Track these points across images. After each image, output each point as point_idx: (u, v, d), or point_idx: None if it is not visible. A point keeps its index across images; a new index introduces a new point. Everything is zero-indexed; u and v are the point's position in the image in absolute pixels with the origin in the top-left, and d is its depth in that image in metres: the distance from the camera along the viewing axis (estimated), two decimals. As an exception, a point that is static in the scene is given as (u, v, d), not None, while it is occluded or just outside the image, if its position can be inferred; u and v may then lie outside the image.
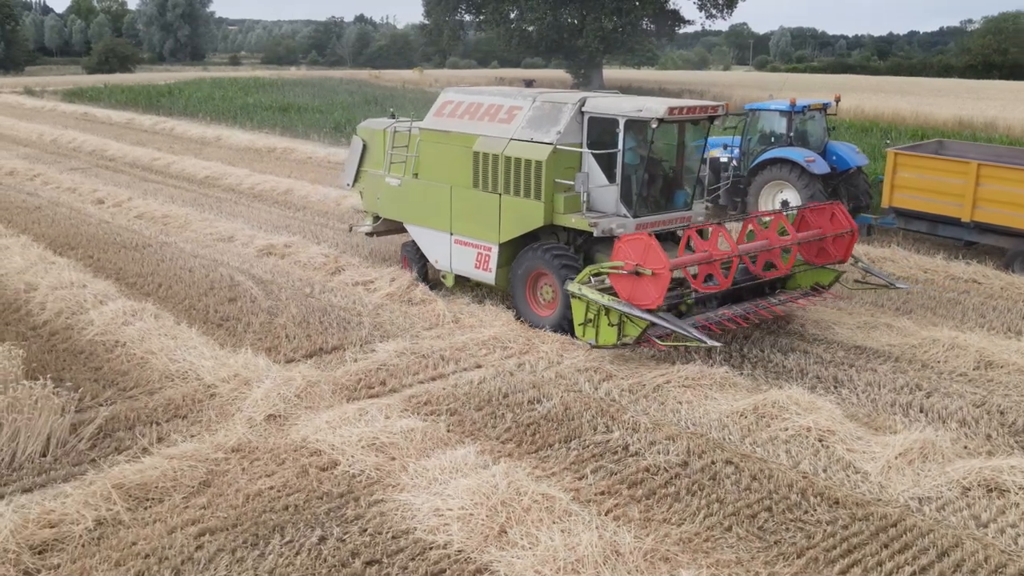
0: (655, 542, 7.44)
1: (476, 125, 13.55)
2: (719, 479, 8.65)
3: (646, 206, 12.84)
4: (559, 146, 12.51)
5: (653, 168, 12.96)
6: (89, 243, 17.38)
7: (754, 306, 12.38)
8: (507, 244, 13.17)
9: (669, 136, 13.03)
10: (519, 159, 12.71)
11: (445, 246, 14.01)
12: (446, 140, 13.82)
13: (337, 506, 8.07)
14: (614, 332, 11.22)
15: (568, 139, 12.61)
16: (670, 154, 13.27)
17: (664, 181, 13.23)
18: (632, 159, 12.54)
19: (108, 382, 10.77)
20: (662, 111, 11.87)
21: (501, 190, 13.01)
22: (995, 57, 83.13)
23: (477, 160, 13.27)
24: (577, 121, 12.69)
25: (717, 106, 12.79)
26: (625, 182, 12.50)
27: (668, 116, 11.94)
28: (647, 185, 12.86)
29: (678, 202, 13.25)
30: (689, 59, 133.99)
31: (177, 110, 44.11)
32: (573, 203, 12.50)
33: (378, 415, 9.52)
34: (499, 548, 7.29)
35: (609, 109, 12.48)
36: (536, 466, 8.78)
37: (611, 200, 12.60)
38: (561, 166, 12.55)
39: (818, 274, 13.16)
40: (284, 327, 12.75)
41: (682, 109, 12.15)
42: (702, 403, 10.30)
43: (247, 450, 9.05)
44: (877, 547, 7.52)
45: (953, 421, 10.00)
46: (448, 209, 13.80)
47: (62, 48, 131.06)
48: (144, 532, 7.55)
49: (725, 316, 11.92)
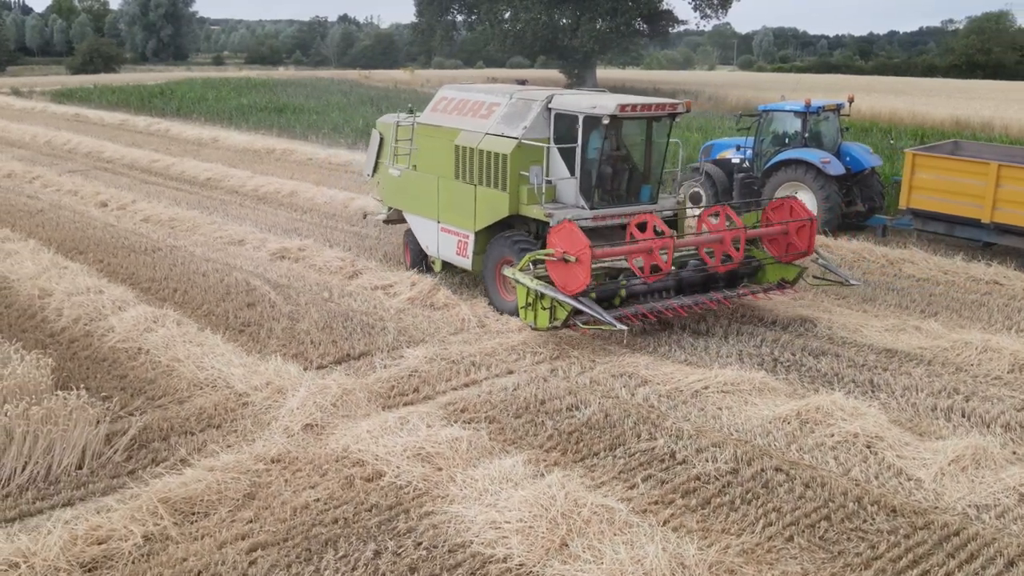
0: (718, 554, 7.30)
1: (461, 120, 14.31)
2: (771, 487, 8.52)
3: (606, 199, 13.39)
4: (524, 140, 13.09)
5: (616, 163, 13.47)
6: (98, 247, 17.09)
7: (705, 298, 12.76)
8: (482, 232, 13.79)
9: (635, 132, 13.63)
10: (489, 152, 13.39)
11: (434, 233, 14.77)
12: (437, 134, 14.56)
13: (387, 518, 7.89)
14: (547, 315, 11.85)
15: (534, 134, 13.16)
16: (637, 150, 13.74)
17: (629, 176, 13.67)
18: (591, 154, 13.07)
19: (135, 391, 10.53)
20: (613, 108, 12.38)
21: (476, 181, 13.70)
22: (979, 57, 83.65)
23: (458, 153, 13.99)
24: (544, 117, 13.27)
25: (676, 104, 13.27)
26: (584, 175, 13.05)
27: (619, 113, 12.49)
28: (610, 179, 13.43)
29: (643, 196, 13.70)
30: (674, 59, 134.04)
31: (170, 111, 43.67)
32: (535, 194, 13.05)
33: (420, 424, 9.32)
34: (562, 562, 7.13)
35: (571, 106, 13.04)
36: (584, 475, 8.62)
37: (572, 192, 13.15)
38: (526, 159, 13.09)
39: (784, 270, 13.58)
40: (308, 333, 12.54)
41: (635, 106, 12.68)
42: (743, 409, 10.17)
43: (287, 461, 8.85)
44: (943, 557, 7.41)
45: (997, 426, 9.91)
46: (436, 198, 14.56)
47: (43, 48, 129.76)
48: (194, 548, 7.35)
49: (669, 306, 12.40)
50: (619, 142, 13.50)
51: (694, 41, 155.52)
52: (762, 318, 13.46)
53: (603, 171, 13.28)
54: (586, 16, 53.23)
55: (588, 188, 13.11)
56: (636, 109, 12.70)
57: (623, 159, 13.57)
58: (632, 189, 13.67)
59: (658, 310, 12.32)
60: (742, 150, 19.95)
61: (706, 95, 49.86)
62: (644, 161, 13.72)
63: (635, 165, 13.74)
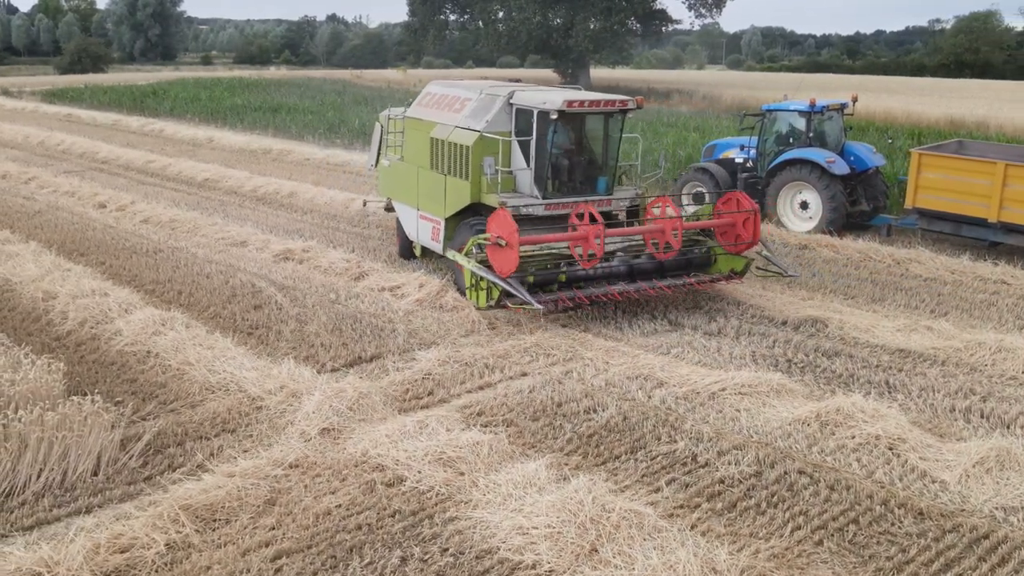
0: (749, 559, 7.23)
1: (439, 114, 15.14)
2: (796, 490, 8.45)
3: (560, 189, 14.03)
4: (485, 133, 13.81)
5: (572, 155, 14.20)
6: (99, 249, 16.91)
7: (648, 285, 13.21)
8: (451, 219, 14.51)
9: (591, 127, 14.28)
10: (455, 144, 14.19)
11: (415, 220, 15.60)
12: (419, 127, 15.41)
13: (411, 524, 7.79)
14: (485, 296, 12.50)
15: (496, 127, 13.89)
16: (595, 144, 14.38)
17: (585, 168, 14.32)
18: (544, 146, 13.66)
19: (147, 395, 10.40)
20: (560, 103, 13.08)
21: (446, 171, 14.50)
22: (967, 56, 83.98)
23: (432, 144, 14.83)
24: (506, 112, 14.01)
25: (627, 100, 13.89)
26: (539, 167, 13.70)
27: (567, 109, 13.17)
28: (566, 171, 14.12)
29: (599, 188, 14.26)
30: (664, 58, 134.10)
31: (163, 111, 43.38)
32: (498, 184, 13.76)
33: (439, 427, 9.22)
34: (592, 568, 7.05)
35: (528, 102, 13.79)
36: (608, 479, 8.54)
37: (529, 182, 13.86)
38: (487, 151, 13.68)
39: (733, 261, 14.05)
40: (317, 335, 12.42)
41: (582, 102, 13.41)
42: (761, 411, 10.11)
43: (306, 466, 8.74)
44: (975, 561, 7.36)
45: (1017, 426, 9.87)
46: (416, 187, 15.38)
47: (30, 48, 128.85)
48: (217, 555, 7.23)
49: (608, 292, 12.89)
50: (576, 136, 14.24)
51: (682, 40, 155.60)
52: (772, 318, 13.41)
53: (559, 163, 14.01)
54: (580, 16, 53.16)
55: (542, 179, 13.75)
56: (584, 105, 13.44)
57: (579, 152, 14.29)
58: (588, 181, 14.28)
59: (595, 296, 12.81)
60: (746, 150, 19.90)
61: (700, 94, 49.86)
62: (601, 154, 14.37)
63: (593, 158, 14.41)
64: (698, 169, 20.43)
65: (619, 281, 13.27)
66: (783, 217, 18.88)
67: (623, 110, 13.85)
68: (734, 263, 14.03)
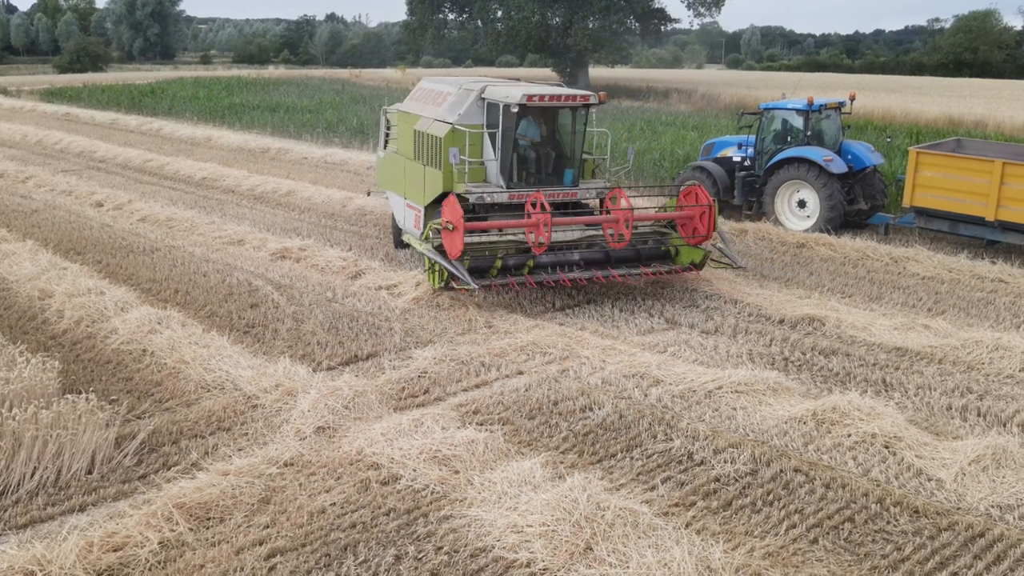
0: (744, 557, 7.21)
1: (424, 108, 15.85)
2: (792, 488, 8.44)
3: (528, 180, 14.68)
4: (456, 126, 14.43)
5: (539, 148, 14.85)
6: (95, 247, 16.89)
7: (600, 273, 13.72)
8: (429, 206, 15.06)
9: (559, 121, 14.83)
10: (432, 135, 14.87)
11: (402, 208, 16.24)
12: (408, 120, 16.11)
13: (406, 523, 7.77)
14: (437, 277, 13.35)
15: (468, 120, 14.55)
16: (563, 137, 14.94)
17: (552, 160, 14.91)
18: (508, 139, 14.27)
19: (142, 393, 10.37)
20: (519, 98, 13.71)
21: (425, 162, 15.16)
22: (966, 55, 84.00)
23: (415, 137, 15.55)
24: (478, 106, 14.67)
25: (588, 95, 14.41)
26: (504, 157, 14.33)
27: (526, 103, 13.79)
28: (533, 162, 14.83)
29: (566, 179, 14.84)
30: (663, 58, 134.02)
31: (162, 110, 43.32)
32: (464, 174, 14.37)
33: (434, 426, 9.20)
34: (587, 566, 7.03)
35: (496, 96, 14.37)
36: (603, 477, 8.52)
37: (496, 173, 14.50)
38: (459, 143, 14.29)
39: (693, 253, 14.48)
40: (314, 333, 12.39)
41: (541, 96, 13.94)
42: (757, 409, 10.09)
43: (301, 464, 8.72)
44: (970, 559, 7.34)
45: (1014, 425, 9.86)
46: (403, 177, 16.05)
47: (29, 47, 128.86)
48: (211, 554, 7.21)
49: (558, 277, 13.51)
50: (546, 129, 14.83)
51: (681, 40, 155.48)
52: (769, 317, 13.40)
53: (526, 155, 14.75)
54: (579, 15, 53.08)
55: (507, 169, 14.40)
56: (544, 99, 13.96)
57: (545, 145, 14.89)
58: (554, 172, 14.88)
59: (541, 280, 13.49)
60: (744, 148, 19.88)
61: (699, 94, 49.79)
62: (568, 147, 14.91)
63: (560, 151, 14.95)
64: (696, 168, 20.41)
65: (576, 269, 13.87)
66: (781, 216, 18.86)
67: (585, 105, 14.35)
68: (693, 255, 14.50)
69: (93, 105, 47.42)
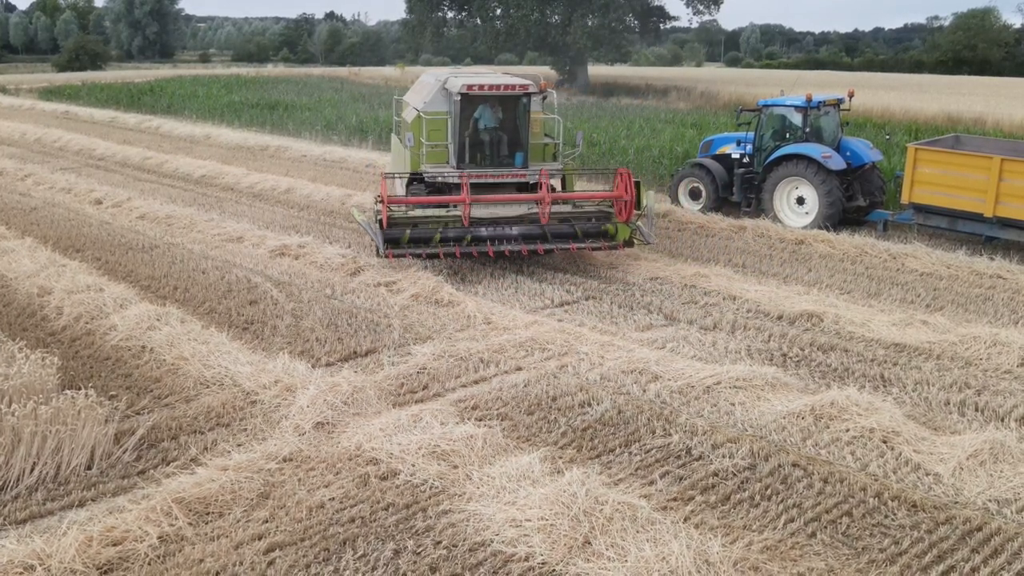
0: (742, 551, 7.23)
1: (413, 98, 17.53)
2: (790, 483, 8.45)
3: (482, 162, 15.94)
4: (422, 113, 15.97)
5: (492, 133, 15.99)
6: (95, 245, 16.90)
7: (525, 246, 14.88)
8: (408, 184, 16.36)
9: (511, 108, 15.93)
10: (407, 121, 16.61)
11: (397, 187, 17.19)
12: (403, 108, 17.95)
13: (405, 517, 7.78)
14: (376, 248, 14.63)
15: (434, 107, 16.01)
16: (517, 123, 16.05)
17: (504, 144, 16.09)
18: (460, 124, 15.62)
19: (142, 390, 10.39)
20: (459, 87, 15.17)
21: (406, 145, 16.18)
22: (965, 53, 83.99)
23: (402, 123, 17.31)
24: (442, 95, 16.05)
25: (527, 84, 15.70)
26: (458, 141, 15.69)
27: (467, 92, 15.21)
28: (486, 145, 15.97)
29: (517, 162, 16.05)
30: (662, 55, 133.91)
31: (161, 108, 43.30)
32: (428, 155, 15.91)
33: (433, 421, 9.22)
34: (585, 560, 7.04)
35: (451, 86, 15.78)
36: (602, 472, 8.54)
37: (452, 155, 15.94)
38: (426, 128, 15.83)
39: (625, 231, 15.35)
40: (313, 330, 12.41)
41: (481, 86, 15.33)
42: (756, 404, 10.11)
43: (300, 460, 8.73)
44: (967, 552, 7.36)
45: (1011, 419, 9.88)
46: (400, 158, 17.35)
47: (27, 46, 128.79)
48: (210, 548, 7.23)
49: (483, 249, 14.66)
50: (501, 116, 15.98)
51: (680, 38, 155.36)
52: (768, 313, 13.42)
53: (479, 139, 15.92)
54: (578, 13, 53.06)
55: (460, 152, 15.75)
56: (483, 88, 15.33)
57: (498, 130, 16.05)
58: (508, 155, 16.08)
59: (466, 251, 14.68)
60: (742, 145, 19.89)
61: (698, 91, 49.77)
62: (520, 133, 16.05)
63: (513, 136, 16.11)
64: (695, 165, 20.43)
65: (510, 243, 14.94)
66: (780, 212, 18.87)
67: (526, 93, 15.54)
68: (624, 233, 15.37)
69: (92, 103, 47.40)
